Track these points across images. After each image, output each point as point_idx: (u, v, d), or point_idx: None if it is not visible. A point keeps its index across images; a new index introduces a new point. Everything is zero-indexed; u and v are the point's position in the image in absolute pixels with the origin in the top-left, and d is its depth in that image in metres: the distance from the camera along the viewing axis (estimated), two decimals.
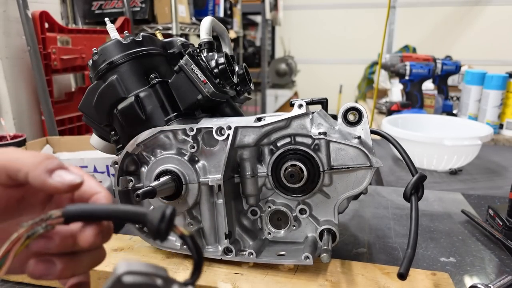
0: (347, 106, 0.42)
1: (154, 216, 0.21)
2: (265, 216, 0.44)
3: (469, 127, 0.89)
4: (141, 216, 0.21)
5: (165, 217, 0.21)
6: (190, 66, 0.44)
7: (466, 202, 0.64)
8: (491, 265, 0.46)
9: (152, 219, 0.21)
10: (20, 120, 1.13)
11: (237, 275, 0.41)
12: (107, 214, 0.22)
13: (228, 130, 0.40)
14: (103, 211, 0.22)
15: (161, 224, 0.21)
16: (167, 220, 0.21)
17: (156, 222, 0.20)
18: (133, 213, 0.22)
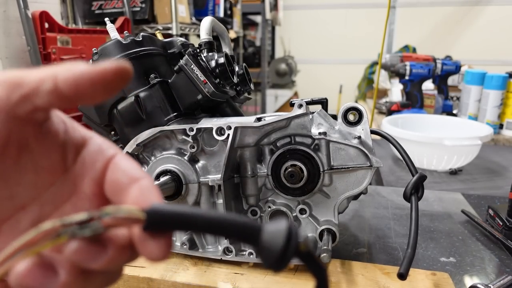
0: (347, 106, 0.42)
1: (273, 237, 0.15)
2: (265, 216, 0.44)
3: (469, 127, 0.89)
4: (254, 233, 0.15)
5: (292, 241, 0.15)
6: (190, 66, 0.44)
7: (466, 202, 0.64)
8: (491, 265, 0.46)
9: (271, 241, 0.15)
10: None
11: (237, 275, 0.41)
12: (207, 225, 0.15)
13: (228, 130, 0.40)
14: (203, 220, 0.15)
15: (287, 251, 0.14)
16: (294, 246, 0.15)
17: (278, 247, 0.14)
18: (244, 228, 0.15)
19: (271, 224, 0.15)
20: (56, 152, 0.17)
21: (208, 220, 0.15)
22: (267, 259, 0.15)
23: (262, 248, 0.15)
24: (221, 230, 0.16)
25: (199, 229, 0.16)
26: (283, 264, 0.15)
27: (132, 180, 0.16)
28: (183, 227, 0.16)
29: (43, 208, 0.17)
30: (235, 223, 0.15)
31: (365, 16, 2.88)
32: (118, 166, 0.17)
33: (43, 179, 0.17)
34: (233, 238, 0.17)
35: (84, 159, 0.17)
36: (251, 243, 0.15)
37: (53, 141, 0.17)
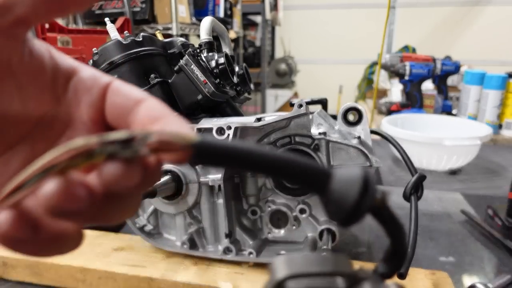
0: (347, 106, 0.42)
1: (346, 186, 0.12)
2: (265, 216, 0.44)
3: (469, 127, 0.89)
4: (322, 178, 0.13)
5: (368, 192, 0.12)
6: (190, 66, 0.44)
7: (466, 202, 0.65)
8: (490, 265, 0.47)
9: (342, 191, 0.12)
10: None
11: (237, 274, 0.41)
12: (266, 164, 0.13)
13: (228, 130, 0.40)
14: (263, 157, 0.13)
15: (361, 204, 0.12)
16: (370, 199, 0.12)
17: (351, 199, 0.12)
18: (310, 171, 0.13)
19: (343, 170, 0.13)
20: (43, 78, 0.15)
21: (267, 159, 0.13)
22: (336, 212, 0.13)
23: (331, 199, 0.13)
24: (280, 171, 0.13)
25: (255, 167, 0.13)
26: (354, 220, 0.13)
27: (137, 101, 0.15)
28: (236, 163, 0.13)
29: (34, 145, 0.15)
30: (299, 165, 0.13)
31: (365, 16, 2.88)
32: (119, 90, 0.16)
33: (31, 111, 0.15)
34: (295, 181, 0.14)
35: (76, 87, 0.16)
36: (317, 191, 0.13)
37: (38, 65, 0.15)
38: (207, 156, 0.13)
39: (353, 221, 0.13)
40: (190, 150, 0.12)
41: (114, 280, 0.42)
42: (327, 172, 0.13)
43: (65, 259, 0.43)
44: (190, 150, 0.12)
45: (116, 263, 0.43)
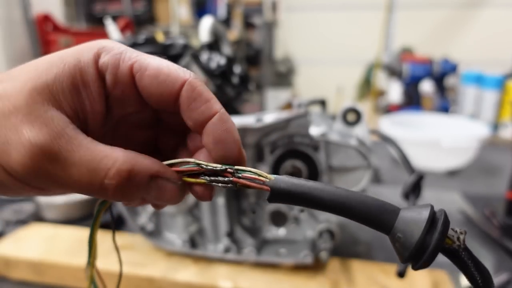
0: (346, 106, 0.43)
1: (410, 226, 0.12)
2: (265, 215, 0.44)
3: (467, 128, 0.89)
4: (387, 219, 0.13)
5: (435, 233, 0.12)
6: (191, 67, 0.45)
7: (463, 202, 0.65)
8: (488, 264, 0.47)
9: (406, 231, 0.12)
10: None
11: (238, 273, 0.42)
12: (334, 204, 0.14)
13: None
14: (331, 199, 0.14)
15: (425, 244, 0.12)
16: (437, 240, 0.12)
17: (413, 240, 0.12)
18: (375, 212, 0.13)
19: (411, 209, 0.13)
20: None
21: (337, 200, 0.14)
22: (401, 252, 0.13)
23: (397, 238, 0.13)
24: (349, 211, 0.14)
25: (324, 208, 0.14)
26: (420, 259, 0.12)
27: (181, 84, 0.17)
28: (307, 204, 0.14)
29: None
30: (367, 205, 0.13)
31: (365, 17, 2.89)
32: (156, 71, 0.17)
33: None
34: (363, 222, 0.14)
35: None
36: (383, 231, 0.13)
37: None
38: (281, 197, 0.15)
39: (420, 261, 0.12)
40: (267, 191, 0.15)
41: (115, 279, 0.42)
42: (394, 212, 0.13)
43: (66, 259, 0.44)
44: (267, 191, 0.15)
45: (117, 262, 0.43)
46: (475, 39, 2.63)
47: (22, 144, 0.14)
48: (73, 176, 0.14)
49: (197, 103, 0.16)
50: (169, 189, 0.16)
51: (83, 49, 0.16)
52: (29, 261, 0.44)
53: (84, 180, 0.15)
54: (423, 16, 2.71)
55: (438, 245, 0.12)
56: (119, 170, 0.15)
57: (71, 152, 0.14)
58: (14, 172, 0.14)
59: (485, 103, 1.17)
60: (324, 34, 3.06)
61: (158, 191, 0.16)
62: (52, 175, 0.14)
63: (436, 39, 2.69)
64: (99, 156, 0.15)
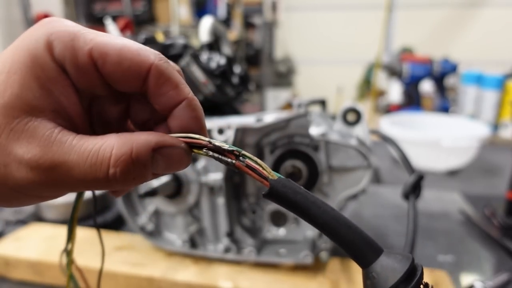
0: (346, 106, 0.43)
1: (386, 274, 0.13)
2: (265, 215, 0.44)
3: (467, 127, 0.89)
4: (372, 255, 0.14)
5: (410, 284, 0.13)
6: (191, 67, 0.45)
7: (464, 202, 0.65)
8: (488, 263, 0.47)
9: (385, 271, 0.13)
10: None
11: (238, 273, 0.42)
12: (321, 223, 0.15)
13: (228, 130, 0.41)
14: (319, 217, 0.15)
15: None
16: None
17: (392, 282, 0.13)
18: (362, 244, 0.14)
19: (393, 255, 0.14)
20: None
21: (326, 221, 0.15)
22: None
23: (370, 277, 0.13)
24: (332, 235, 0.15)
25: (313, 223, 0.15)
26: None
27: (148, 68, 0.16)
28: (299, 213, 0.15)
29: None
30: (354, 234, 0.14)
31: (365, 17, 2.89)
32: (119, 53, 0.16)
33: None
34: (344, 248, 0.15)
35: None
36: (360, 264, 0.14)
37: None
38: (276, 197, 0.15)
39: None
40: (266, 186, 0.15)
41: (115, 279, 0.42)
42: (377, 251, 0.14)
43: None
44: (266, 186, 0.15)
45: (117, 262, 0.43)
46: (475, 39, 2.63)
47: (19, 163, 0.14)
48: (78, 177, 0.14)
49: (165, 87, 0.16)
50: (176, 154, 0.16)
51: (31, 41, 0.15)
52: (29, 261, 0.44)
53: (89, 177, 0.14)
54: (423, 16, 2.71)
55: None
56: (118, 155, 0.14)
57: (66, 155, 0.14)
58: (25, 189, 0.14)
59: (485, 103, 1.17)
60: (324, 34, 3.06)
61: (165, 160, 0.16)
62: (59, 182, 0.14)
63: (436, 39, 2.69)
64: (94, 149, 0.14)
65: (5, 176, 0.14)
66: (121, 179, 0.14)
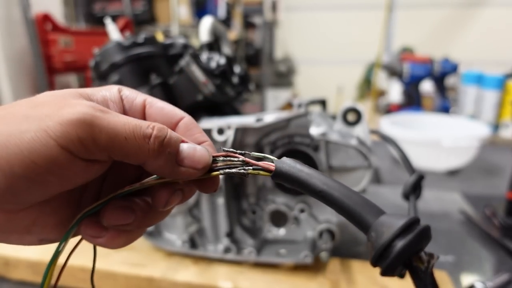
0: (346, 106, 0.43)
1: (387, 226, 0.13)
2: (265, 215, 0.44)
3: (467, 127, 0.89)
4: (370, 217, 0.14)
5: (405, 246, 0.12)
6: (191, 67, 0.45)
7: (464, 202, 0.65)
8: (488, 264, 0.47)
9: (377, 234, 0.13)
10: None
11: (238, 274, 0.42)
12: (325, 195, 0.15)
13: (228, 130, 0.41)
14: (324, 190, 0.15)
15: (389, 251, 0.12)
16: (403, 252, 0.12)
17: (379, 243, 0.13)
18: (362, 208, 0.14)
19: (395, 215, 0.13)
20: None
21: (327, 192, 0.15)
22: (370, 252, 0.13)
23: (369, 238, 0.13)
24: (334, 202, 0.15)
25: (315, 194, 0.15)
26: (383, 262, 0.12)
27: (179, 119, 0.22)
28: (302, 187, 0.16)
29: None
30: (351, 200, 0.15)
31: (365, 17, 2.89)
32: (161, 107, 0.21)
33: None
34: (344, 215, 0.15)
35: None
36: (361, 229, 0.14)
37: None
38: (282, 177, 0.16)
39: (382, 264, 0.12)
40: (271, 172, 0.17)
41: (115, 279, 0.42)
42: (376, 213, 0.14)
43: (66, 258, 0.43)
44: (271, 172, 0.17)
45: (117, 262, 0.43)
46: (476, 39, 2.63)
47: (74, 105, 0.15)
48: (122, 121, 0.16)
49: (192, 131, 0.21)
50: (198, 148, 0.18)
51: (108, 86, 0.20)
52: (29, 261, 0.44)
53: (129, 130, 0.16)
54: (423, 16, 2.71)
55: (402, 252, 0.12)
56: (157, 124, 0.17)
57: (116, 113, 0.16)
58: (64, 128, 0.15)
59: (485, 103, 1.17)
60: (324, 34, 3.06)
61: (189, 148, 0.18)
62: (102, 120, 0.15)
63: (436, 39, 2.69)
64: (137, 119, 0.17)
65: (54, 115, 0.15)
66: (156, 142, 0.16)
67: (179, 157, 0.18)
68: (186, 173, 0.18)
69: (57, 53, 1.14)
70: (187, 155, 0.18)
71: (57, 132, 0.14)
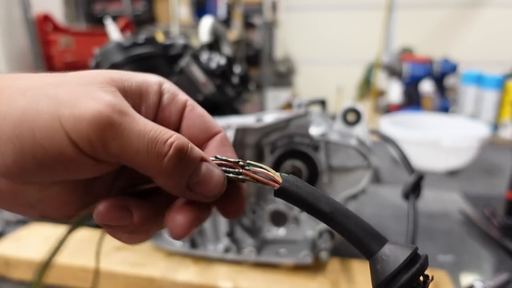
0: (346, 106, 0.43)
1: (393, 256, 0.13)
2: (265, 215, 0.44)
3: (467, 127, 0.89)
4: (375, 245, 0.14)
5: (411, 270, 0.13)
6: (191, 68, 0.45)
7: (464, 202, 0.65)
8: (488, 264, 0.47)
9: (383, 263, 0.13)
10: None
11: (238, 273, 0.42)
12: (328, 218, 0.15)
13: (228, 130, 0.41)
14: (327, 212, 0.15)
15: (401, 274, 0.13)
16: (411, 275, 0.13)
17: (393, 268, 0.13)
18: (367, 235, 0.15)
19: (397, 244, 0.14)
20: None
21: (330, 214, 0.15)
22: (374, 280, 0.14)
23: (374, 267, 0.14)
24: (339, 227, 0.15)
25: (319, 217, 0.16)
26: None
27: (216, 132, 0.20)
28: (307, 209, 0.16)
29: None
30: (358, 226, 0.15)
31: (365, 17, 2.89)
32: (201, 114, 0.20)
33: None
34: (350, 240, 0.16)
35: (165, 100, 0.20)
36: (365, 254, 0.15)
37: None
38: (285, 195, 0.16)
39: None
40: (275, 187, 0.16)
41: (115, 279, 0.42)
42: (381, 241, 0.14)
43: (66, 258, 0.44)
44: (275, 186, 0.16)
45: (117, 262, 0.43)
46: (475, 39, 2.63)
47: (94, 98, 0.15)
48: (137, 132, 0.15)
49: (225, 149, 0.19)
50: (216, 173, 0.17)
51: (150, 75, 0.19)
52: (29, 261, 0.44)
53: (146, 139, 0.15)
54: (423, 16, 2.71)
55: (406, 285, 0.13)
56: (177, 140, 0.15)
57: (134, 119, 0.15)
58: (78, 124, 0.14)
59: (485, 103, 1.17)
60: (324, 34, 3.07)
61: (207, 173, 0.16)
62: (117, 128, 0.15)
63: (436, 39, 2.69)
64: (158, 128, 0.16)
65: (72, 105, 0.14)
66: (168, 159, 0.15)
67: (192, 180, 0.16)
68: (195, 198, 0.17)
69: (58, 53, 1.14)
70: (202, 180, 0.16)
71: (69, 123, 0.14)
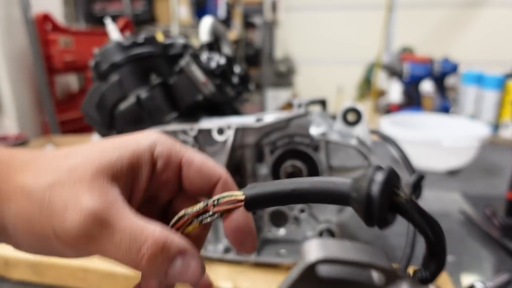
0: (346, 106, 0.43)
1: (358, 188, 0.13)
2: (265, 215, 0.44)
3: (467, 127, 0.89)
4: (344, 197, 0.14)
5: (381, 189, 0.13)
6: (191, 67, 0.45)
7: (464, 202, 0.65)
8: (488, 264, 0.47)
9: (356, 194, 0.14)
10: (22, 120, 1.13)
11: (238, 274, 0.42)
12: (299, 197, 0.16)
13: (228, 130, 0.41)
14: (294, 194, 0.16)
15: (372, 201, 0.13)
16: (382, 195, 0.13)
17: (362, 198, 0.13)
18: (332, 193, 0.15)
19: (360, 178, 0.14)
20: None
21: (298, 193, 0.15)
22: (360, 213, 0.13)
23: (353, 203, 0.14)
24: (309, 196, 0.15)
25: (292, 202, 0.16)
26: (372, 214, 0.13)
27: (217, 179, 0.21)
28: (278, 202, 0.16)
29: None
30: (322, 187, 0.15)
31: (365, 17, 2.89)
32: (200, 166, 0.21)
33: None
34: (322, 202, 0.16)
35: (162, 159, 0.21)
36: (342, 203, 0.15)
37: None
38: (255, 203, 0.17)
39: (374, 219, 0.13)
40: (242, 203, 0.18)
41: (115, 279, 0.42)
42: (344, 183, 0.15)
43: (66, 259, 0.44)
44: (242, 202, 0.18)
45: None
46: (476, 39, 2.63)
47: (80, 209, 0.16)
48: (115, 242, 0.16)
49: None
50: (193, 265, 0.18)
51: (141, 138, 0.20)
52: (29, 261, 0.44)
53: (124, 246, 0.16)
54: (423, 16, 2.71)
55: (383, 192, 0.13)
56: (156, 240, 0.17)
57: (118, 220, 0.17)
58: (65, 235, 0.16)
59: (485, 103, 1.17)
60: (324, 34, 3.07)
61: (183, 266, 0.18)
62: (97, 240, 0.16)
63: (436, 39, 2.69)
64: (140, 227, 0.17)
65: (58, 217, 0.16)
66: (146, 260, 0.17)
67: (169, 273, 0.17)
68: (174, 283, 0.19)
69: (57, 53, 1.14)
70: (178, 273, 0.17)
71: (60, 235, 0.16)
